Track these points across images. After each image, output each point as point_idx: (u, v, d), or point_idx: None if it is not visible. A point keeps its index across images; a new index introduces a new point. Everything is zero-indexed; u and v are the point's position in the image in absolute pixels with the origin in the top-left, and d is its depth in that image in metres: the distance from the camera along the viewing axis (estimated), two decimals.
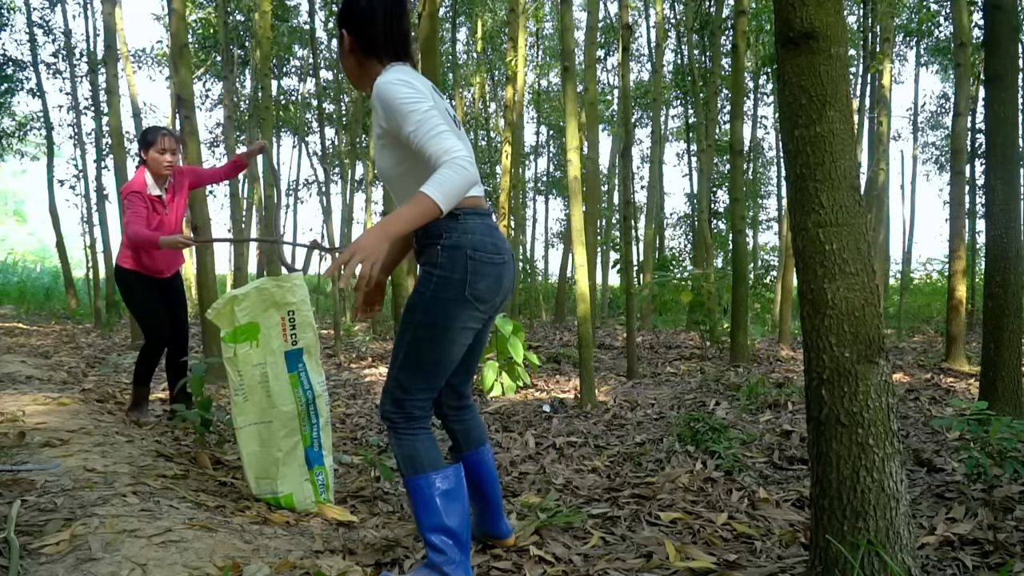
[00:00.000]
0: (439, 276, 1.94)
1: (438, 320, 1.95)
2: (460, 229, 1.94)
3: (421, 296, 1.95)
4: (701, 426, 3.87)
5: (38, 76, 13.50)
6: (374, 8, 2.03)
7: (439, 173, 1.76)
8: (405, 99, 1.86)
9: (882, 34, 11.33)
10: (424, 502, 1.98)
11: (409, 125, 1.84)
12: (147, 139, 3.85)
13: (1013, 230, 3.97)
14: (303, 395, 2.77)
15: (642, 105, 19.23)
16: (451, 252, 1.93)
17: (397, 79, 1.91)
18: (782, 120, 1.93)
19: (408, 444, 2.01)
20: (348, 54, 2.08)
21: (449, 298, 1.94)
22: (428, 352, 1.97)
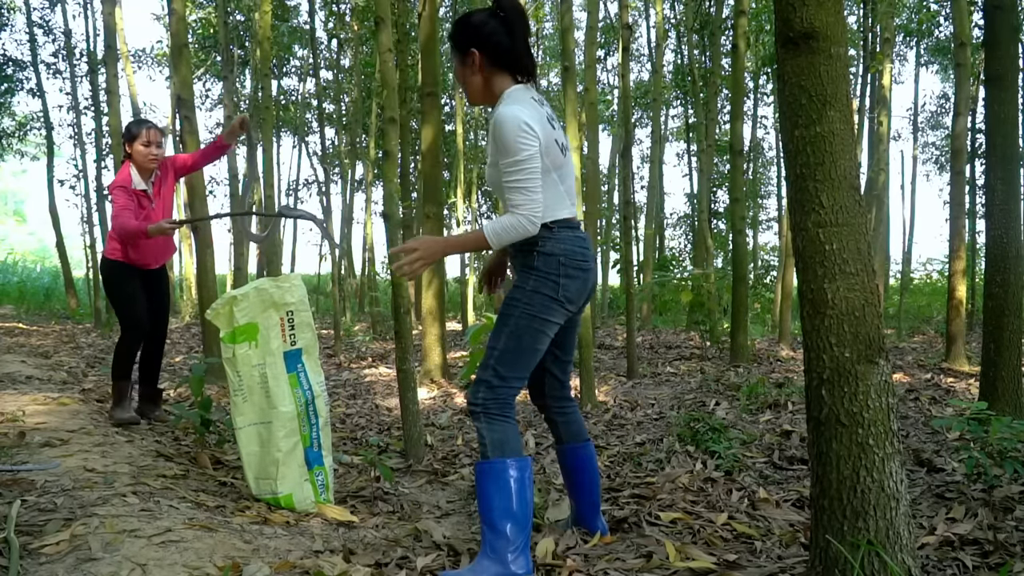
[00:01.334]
0: (537, 275, 2.19)
1: (537, 312, 2.18)
2: (554, 239, 2.19)
3: (523, 291, 2.19)
4: (701, 426, 3.87)
5: (38, 76, 13.50)
6: (511, 23, 2.19)
7: (504, 219, 2.08)
8: (515, 141, 2.05)
9: (882, 34, 11.33)
10: (502, 485, 2.10)
11: (506, 163, 2.07)
12: (131, 132, 3.77)
13: (1013, 230, 3.96)
14: (302, 395, 2.77)
15: (642, 105, 19.22)
16: (546, 258, 2.19)
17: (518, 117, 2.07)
18: (782, 120, 1.93)
19: (500, 429, 2.16)
20: (475, 72, 2.22)
21: (546, 294, 2.18)
22: (526, 341, 2.19)
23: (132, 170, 3.75)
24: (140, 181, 3.75)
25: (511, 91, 2.21)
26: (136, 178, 3.74)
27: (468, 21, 2.23)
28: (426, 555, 2.26)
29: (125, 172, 3.75)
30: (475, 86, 2.25)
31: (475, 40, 2.19)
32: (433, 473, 3.46)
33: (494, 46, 2.19)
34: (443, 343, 6.40)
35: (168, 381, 5.85)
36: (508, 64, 2.21)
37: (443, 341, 6.40)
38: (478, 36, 2.19)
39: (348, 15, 14.96)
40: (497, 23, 2.20)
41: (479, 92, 2.26)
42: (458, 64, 2.25)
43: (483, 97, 2.27)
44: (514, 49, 2.20)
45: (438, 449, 3.96)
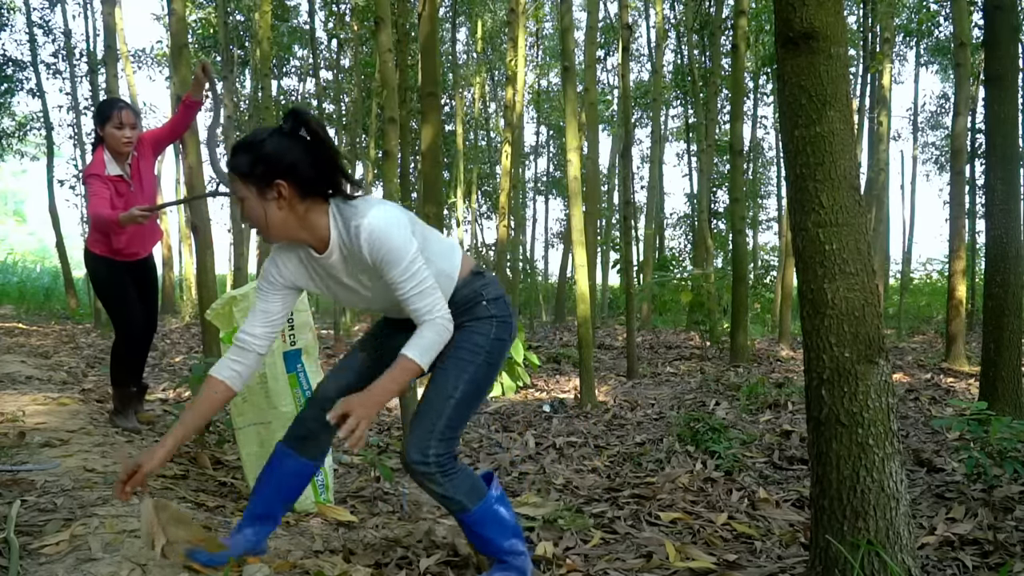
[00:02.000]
0: (498, 320, 2.02)
1: (497, 359, 2.04)
2: (490, 282, 2.05)
3: (486, 338, 1.99)
4: (701, 426, 3.87)
5: (38, 76, 13.50)
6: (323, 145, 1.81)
7: (423, 336, 1.84)
8: (401, 246, 1.80)
9: (882, 34, 11.33)
10: (496, 521, 2.04)
11: (398, 273, 1.81)
12: (102, 114, 3.46)
13: (1013, 230, 3.96)
14: (302, 395, 2.77)
15: (642, 105, 19.21)
16: (496, 302, 2.03)
17: (390, 221, 1.80)
18: (782, 120, 1.93)
19: (463, 478, 2.00)
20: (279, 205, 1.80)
21: (505, 338, 2.05)
22: (483, 389, 2.05)
23: (105, 155, 3.45)
24: (115, 166, 3.46)
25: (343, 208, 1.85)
26: (110, 163, 3.45)
27: (264, 148, 1.78)
28: (428, 555, 2.26)
29: (98, 158, 3.45)
30: (282, 222, 1.83)
31: (280, 170, 1.77)
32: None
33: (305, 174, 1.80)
34: None
35: (168, 381, 5.85)
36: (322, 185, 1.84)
37: None
38: (283, 165, 1.77)
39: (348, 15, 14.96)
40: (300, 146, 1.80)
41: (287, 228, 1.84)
42: (254, 199, 1.80)
43: (291, 234, 1.86)
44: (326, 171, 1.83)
45: None
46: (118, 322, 3.62)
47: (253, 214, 1.83)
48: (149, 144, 3.61)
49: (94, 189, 3.36)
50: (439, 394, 1.98)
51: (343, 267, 1.91)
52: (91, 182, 3.39)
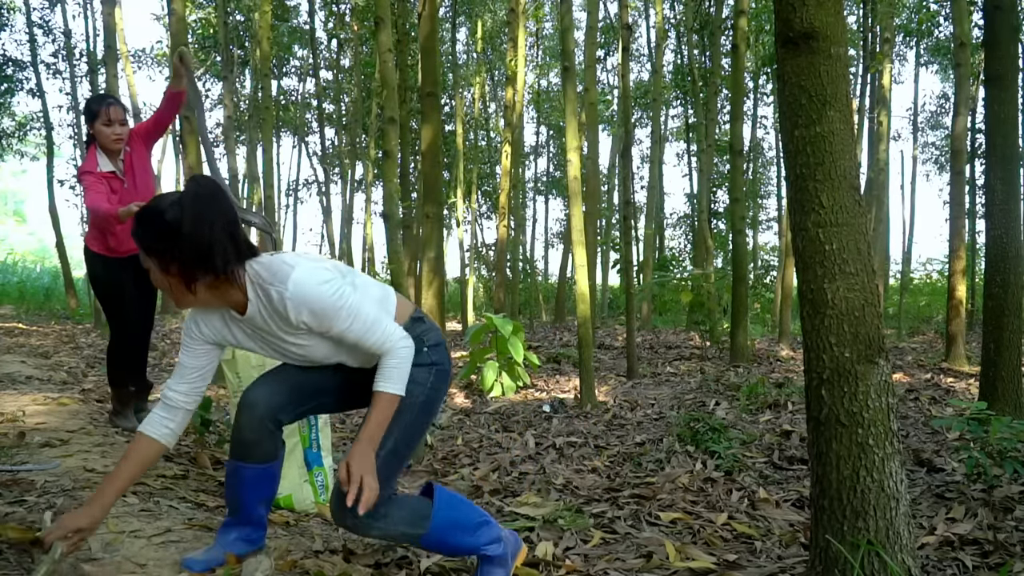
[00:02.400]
0: (437, 368, 1.94)
1: (434, 408, 1.97)
2: (429, 328, 1.98)
3: (421, 388, 1.90)
4: (701, 426, 3.87)
5: (38, 76, 13.50)
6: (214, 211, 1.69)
7: (388, 366, 1.80)
8: (333, 300, 1.74)
9: (882, 34, 11.33)
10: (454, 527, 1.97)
11: (340, 323, 1.76)
12: (91, 111, 3.40)
13: (1013, 230, 3.96)
14: None
15: (642, 105, 19.22)
16: (436, 348, 1.96)
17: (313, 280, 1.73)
18: (782, 120, 1.93)
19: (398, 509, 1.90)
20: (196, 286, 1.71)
21: (441, 387, 1.97)
22: (417, 439, 1.97)
23: (98, 153, 3.41)
24: (107, 163, 3.41)
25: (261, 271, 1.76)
26: (103, 160, 3.40)
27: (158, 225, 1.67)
28: (428, 556, 2.26)
29: (91, 156, 3.42)
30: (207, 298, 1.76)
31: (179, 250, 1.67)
32: (433, 473, 3.46)
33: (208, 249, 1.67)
34: None
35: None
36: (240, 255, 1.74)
37: None
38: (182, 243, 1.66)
39: (348, 15, 14.96)
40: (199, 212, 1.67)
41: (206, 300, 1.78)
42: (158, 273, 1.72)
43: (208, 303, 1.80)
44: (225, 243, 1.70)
45: (438, 449, 3.96)
46: (114, 321, 3.58)
47: (161, 286, 1.76)
48: (139, 138, 3.56)
49: (89, 184, 3.34)
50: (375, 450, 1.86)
51: (271, 325, 1.81)
52: (85, 179, 3.36)
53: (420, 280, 7.33)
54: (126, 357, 3.62)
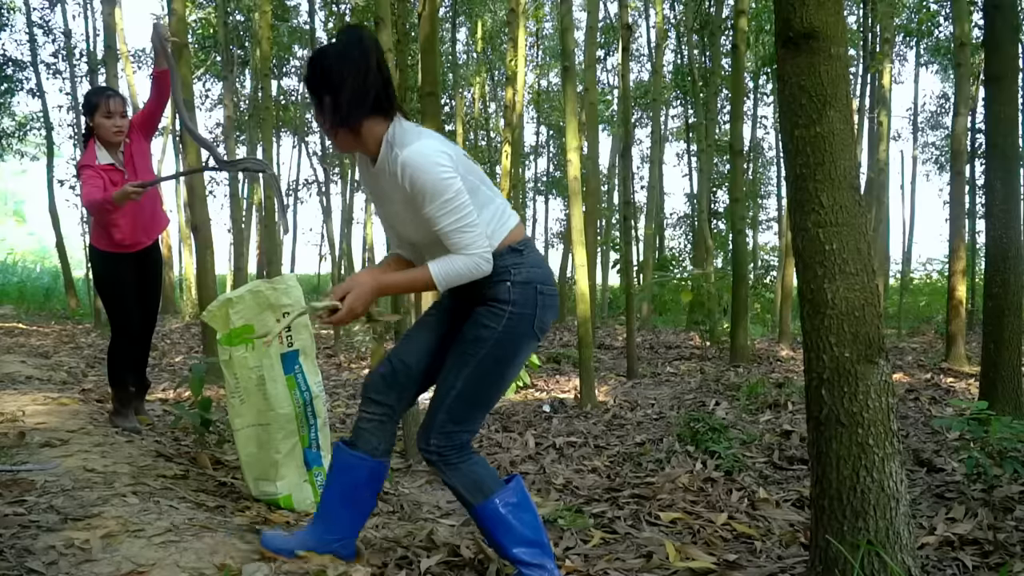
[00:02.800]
0: (512, 312, 1.90)
1: (507, 353, 1.93)
2: (527, 263, 1.93)
3: (491, 331, 1.90)
4: (701, 426, 3.87)
5: (38, 76, 13.51)
6: (368, 59, 1.84)
7: (457, 261, 1.83)
8: (439, 180, 1.78)
9: (882, 34, 11.33)
10: (501, 523, 1.95)
11: (436, 207, 1.80)
12: (90, 103, 3.39)
13: (1013, 230, 3.96)
14: (300, 396, 2.76)
15: (642, 105, 19.21)
16: (522, 288, 1.91)
17: (430, 154, 1.80)
18: (782, 120, 1.94)
19: (468, 471, 1.97)
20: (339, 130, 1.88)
21: (520, 333, 1.93)
22: (490, 384, 1.96)
23: (96, 146, 3.40)
24: (106, 155, 3.40)
25: (397, 131, 1.89)
26: (101, 153, 3.39)
27: (325, 61, 1.86)
28: (429, 556, 2.26)
29: (90, 149, 3.41)
30: (343, 137, 1.91)
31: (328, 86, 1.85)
32: (433, 473, 3.47)
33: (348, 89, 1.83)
34: None
35: (168, 381, 5.85)
36: (380, 103, 1.87)
37: None
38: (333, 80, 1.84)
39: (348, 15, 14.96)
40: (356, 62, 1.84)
41: (348, 142, 1.93)
42: (318, 111, 1.91)
43: (349, 146, 1.95)
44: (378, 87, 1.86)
45: None
46: (115, 320, 3.57)
47: (324, 129, 1.93)
48: (137, 129, 3.54)
49: (86, 178, 3.32)
50: (442, 386, 1.95)
51: (387, 184, 1.90)
52: (83, 172, 3.35)
53: None
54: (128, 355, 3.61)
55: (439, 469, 1.96)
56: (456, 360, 1.94)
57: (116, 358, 3.60)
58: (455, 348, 1.95)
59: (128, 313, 3.55)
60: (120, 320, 3.55)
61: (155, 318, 3.74)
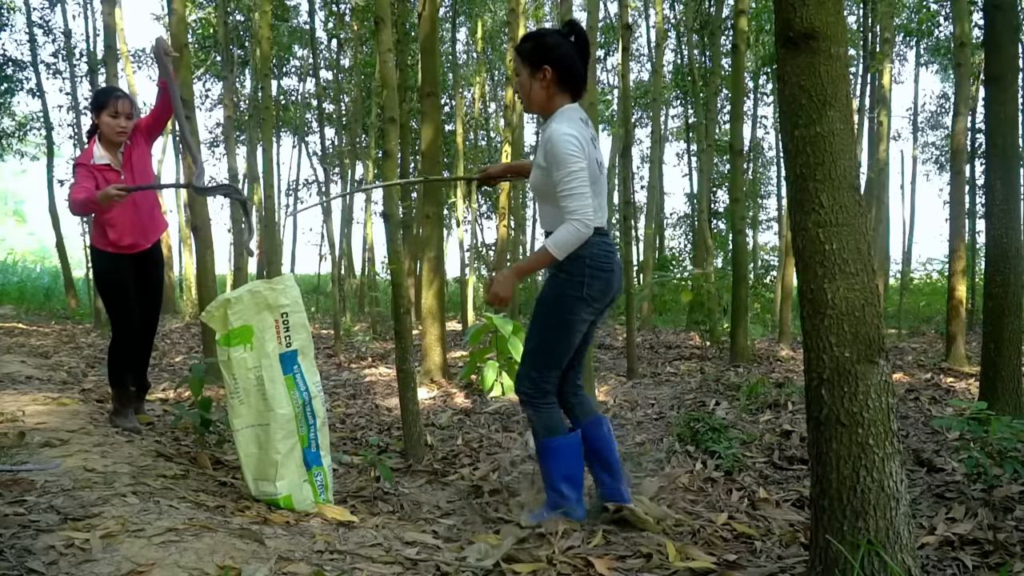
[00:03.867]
0: (564, 278, 2.48)
1: (564, 312, 2.49)
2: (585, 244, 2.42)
3: (551, 294, 2.50)
4: (701, 426, 3.87)
5: (38, 76, 13.50)
6: (583, 47, 2.49)
7: (562, 230, 2.37)
8: (567, 157, 2.36)
9: (882, 34, 11.34)
10: (558, 457, 2.59)
11: (559, 175, 2.37)
12: (98, 102, 3.42)
13: (1013, 230, 3.96)
14: (299, 396, 2.77)
15: (642, 105, 19.20)
16: (573, 261, 2.44)
17: (569, 134, 2.38)
18: (782, 120, 1.93)
19: (546, 414, 2.59)
20: (543, 86, 2.49)
21: (572, 295, 2.47)
22: (557, 338, 2.52)
23: (97, 144, 3.43)
24: (103, 155, 3.42)
25: (565, 109, 2.50)
26: (99, 152, 3.41)
27: (545, 40, 2.49)
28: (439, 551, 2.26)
29: (89, 147, 3.43)
30: (539, 98, 2.52)
31: (550, 59, 2.46)
32: (433, 473, 3.46)
33: (567, 68, 2.47)
34: (443, 343, 6.40)
35: (168, 381, 5.85)
36: (571, 84, 2.50)
37: (443, 341, 6.40)
38: (554, 55, 2.46)
39: (348, 15, 14.96)
40: (570, 47, 2.48)
41: (539, 103, 2.53)
42: (527, 76, 2.50)
43: (540, 108, 2.55)
44: (580, 73, 2.51)
45: (438, 449, 3.96)
46: (115, 319, 3.57)
47: (523, 87, 2.53)
48: (140, 133, 3.55)
49: (77, 177, 3.34)
50: (526, 343, 2.60)
51: (541, 148, 2.47)
52: (77, 171, 3.37)
53: (420, 280, 7.33)
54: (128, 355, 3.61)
55: (527, 408, 2.59)
56: (531, 322, 2.58)
57: (116, 358, 3.59)
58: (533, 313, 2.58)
59: (128, 312, 3.55)
60: (120, 320, 3.55)
61: (157, 320, 3.74)
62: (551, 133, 2.39)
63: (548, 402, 2.59)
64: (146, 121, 3.62)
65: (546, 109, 2.54)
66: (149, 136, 3.62)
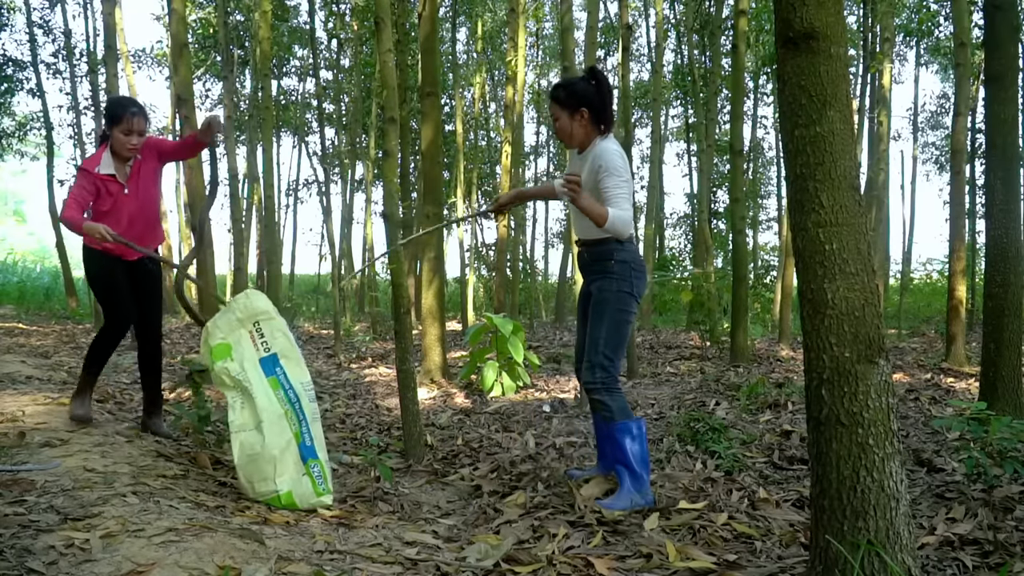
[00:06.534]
0: (616, 279, 2.92)
1: (624, 306, 2.93)
2: (624, 250, 2.93)
3: (610, 291, 2.92)
4: (701, 426, 3.86)
5: (38, 76, 13.50)
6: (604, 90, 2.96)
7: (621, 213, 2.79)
8: (619, 168, 2.84)
9: (882, 34, 11.34)
10: (635, 438, 2.87)
11: (611, 182, 2.82)
12: (114, 115, 3.36)
13: (1013, 230, 3.96)
14: (285, 395, 2.90)
15: (642, 105, 19.20)
16: (621, 264, 2.92)
17: (620, 152, 2.91)
18: (782, 120, 1.93)
19: (620, 397, 2.94)
20: (580, 125, 2.97)
21: (626, 292, 2.93)
22: (621, 329, 2.93)
23: (106, 153, 3.38)
24: (110, 165, 3.37)
25: (606, 139, 2.97)
26: (106, 161, 3.37)
27: (576, 87, 2.97)
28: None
29: (98, 154, 3.40)
30: (579, 135, 2.99)
31: (585, 102, 2.94)
32: (433, 473, 3.46)
33: (598, 108, 2.95)
34: (443, 343, 6.40)
35: (168, 381, 5.85)
36: (604, 120, 2.98)
37: (443, 341, 6.40)
38: (587, 99, 2.94)
39: (348, 15, 14.96)
40: (594, 90, 2.95)
41: (580, 139, 3.00)
42: (566, 118, 2.97)
43: (581, 143, 3.02)
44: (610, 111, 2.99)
45: (438, 449, 3.96)
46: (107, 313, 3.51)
47: (563, 130, 3.00)
48: (153, 151, 3.52)
49: (77, 184, 3.34)
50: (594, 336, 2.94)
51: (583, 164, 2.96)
52: (80, 175, 3.35)
53: (420, 280, 7.33)
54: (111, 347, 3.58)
55: (602, 394, 2.90)
56: (595, 318, 2.94)
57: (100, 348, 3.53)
58: (592, 311, 2.96)
59: (119, 306, 3.50)
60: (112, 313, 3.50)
61: (158, 332, 3.68)
62: (603, 149, 2.88)
63: (619, 387, 2.94)
64: (166, 146, 3.59)
65: (585, 144, 3.01)
66: (161, 158, 3.58)
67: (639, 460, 2.85)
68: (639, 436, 2.86)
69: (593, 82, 2.96)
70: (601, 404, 2.91)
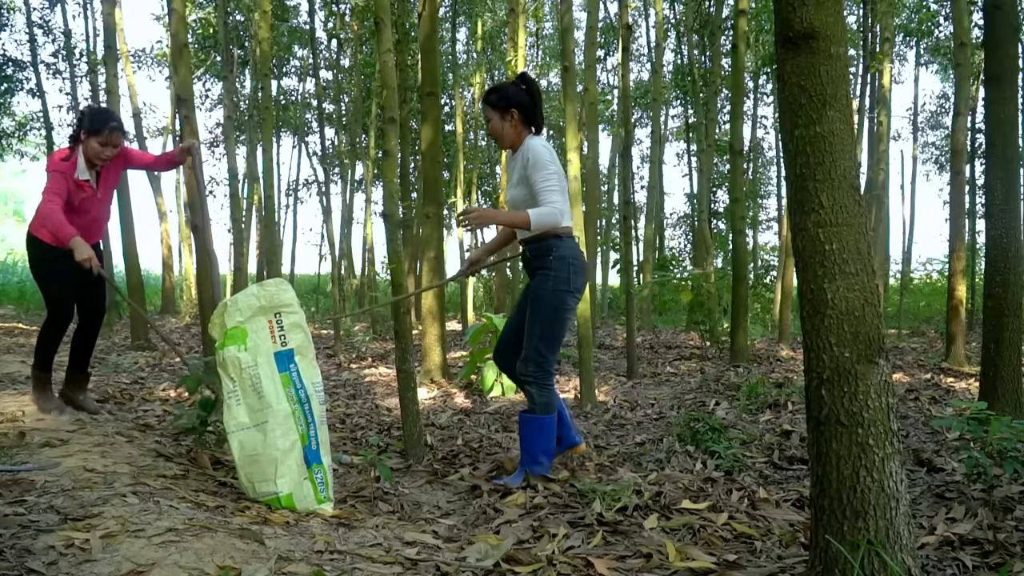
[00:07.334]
0: (553, 275, 3.03)
1: (559, 303, 3.03)
2: (562, 246, 3.06)
3: (546, 290, 3.03)
4: (701, 426, 3.87)
5: (38, 76, 13.49)
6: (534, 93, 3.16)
7: (543, 208, 2.96)
8: (545, 162, 3.00)
9: (882, 34, 11.33)
10: (544, 433, 3.12)
11: (539, 175, 2.99)
12: (93, 126, 3.47)
13: (1013, 230, 3.96)
14: (295, 394, 2.81)
15: (642, 105, 19.20)
16: (559, 260, 3.03)
17: (545, 147, 3.07)
18: (782, 120, 1.93)
19: (548, 393, 3.11)
20: (511, 125, 3.15)
21: (563, 289, 3.03)
22: (556, 326, 3.06)
23: (80, 159, 3.48)
24: (86, 172, 3.50)
25: (534, 137, 3.15)
26: (82, 167, 3.48)
27: (507, 91, 3.16)
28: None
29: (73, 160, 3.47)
30: (510, 135, 3.17)
31: (514, 103, 3.13)
32: (433, 473, 3.46)
33: (527, 110, 3.14)
34: (443, 343, 6.40)
35: (168, 381, 5.85)
36: (531, 120, 3.17)
37: (443, 341, 6.40)
38: (516, 100, 3.13)
39: (348, 15, 14.96)
40: (524, 93, 3.15)
41: (511, 139, 3.17)
42: (498, 119, 3.16)
43: (511, 143, 3.18)
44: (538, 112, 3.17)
45: (438, 449, 3.96)
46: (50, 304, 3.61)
47: (495, 130, 3.18)
48: (122, 157, 3.68)
49: (53, 185, 3.38)
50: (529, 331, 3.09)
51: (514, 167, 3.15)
52: (55, 178, 3.40)
53: (420, 280, 7.33)
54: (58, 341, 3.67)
55: (532, 386, 3.09)
56: (532, 314, 3.06)
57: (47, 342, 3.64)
58: (529, 307, 3.08)
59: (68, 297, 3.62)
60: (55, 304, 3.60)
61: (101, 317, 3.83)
62: (530, 146, 3.05)
63: (550, 383, 3.08)
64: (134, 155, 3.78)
65: (516, 143, 3.18)
66: (127, 164, 3.77)
67: (543, 452, 3.14)
68: (550, 431, 3.13)
69: (523, 86, 3.17)
70: (528, 395, 3.12)
